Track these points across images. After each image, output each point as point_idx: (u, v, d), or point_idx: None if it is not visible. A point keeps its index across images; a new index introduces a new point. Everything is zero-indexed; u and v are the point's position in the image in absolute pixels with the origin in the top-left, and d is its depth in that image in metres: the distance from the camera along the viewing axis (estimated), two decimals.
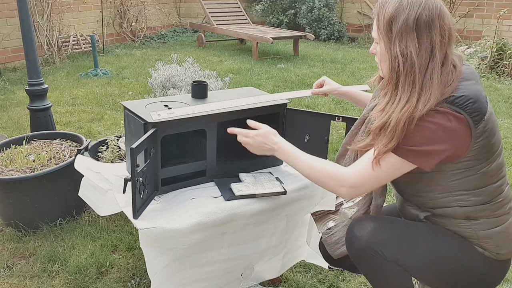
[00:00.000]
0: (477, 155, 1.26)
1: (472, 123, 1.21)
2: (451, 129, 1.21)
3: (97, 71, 5.69)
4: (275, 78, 5.62)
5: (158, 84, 3.50)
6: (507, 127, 4.01)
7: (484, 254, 1.35)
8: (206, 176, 1.70)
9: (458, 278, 1.37)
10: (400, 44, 1.23)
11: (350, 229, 1.42)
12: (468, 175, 1.29)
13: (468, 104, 1.21)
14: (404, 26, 1.23)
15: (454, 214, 1.35)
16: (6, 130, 3.76)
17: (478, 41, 6.84)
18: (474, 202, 1.32)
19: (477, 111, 1.21)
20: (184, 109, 1.63)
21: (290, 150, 1.46)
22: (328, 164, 1.41)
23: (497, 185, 1.33)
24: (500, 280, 1.42)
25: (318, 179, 1.40)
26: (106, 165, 1.96)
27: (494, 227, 1.33)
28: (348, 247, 1.43)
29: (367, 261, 1.37)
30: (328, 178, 1.37)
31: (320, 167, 1.39)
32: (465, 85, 1.24)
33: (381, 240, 1.35)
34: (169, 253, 1.47)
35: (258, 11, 8.80)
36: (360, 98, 1.82)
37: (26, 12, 2.79)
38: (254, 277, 1.80)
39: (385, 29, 1.26)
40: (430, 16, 1.23)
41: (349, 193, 1.34)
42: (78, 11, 7.00)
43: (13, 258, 2.17)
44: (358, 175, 1.32)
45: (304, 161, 1.42)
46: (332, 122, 1.74)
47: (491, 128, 1.25)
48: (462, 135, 1.22)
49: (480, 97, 1.24)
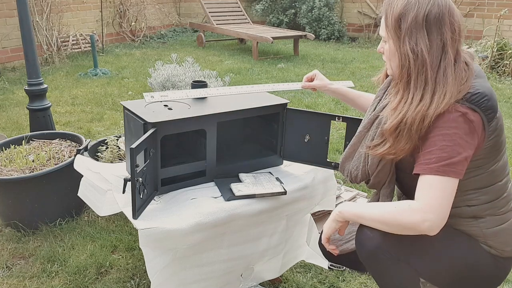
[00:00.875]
0: (488, 153, 1.26)
1: (486, 120, 1.21)
2: (473, 129, 1.20)
3: (97, 71, 5.68)
4: (275, 78, 5.62)
5: (158, 84, 3.50)
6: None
7: (490, 252, 1.35)
8: (206, 176, 1.70)
9: (465, 276, 1.37)
10: (410, 41, 1.22)
11: (361, 229, 1.39)
12: (478, 174, 1.29)
13: (484, 102, 1.21)
14: (414, 23, 1.22)
15: (461, 213, 1.34)
16: (5, 130, 3.76)
17: (478, 40, 6.84)
18: (481, 201, 1.32)
19: (491, 109, 1.22)
20: (179, 93, 1.62)
21: (354, 209, 1.36)
22: (396, 203, 1.31)
23: (503, 183, 1.33)
24: (504, 277, 1.42)
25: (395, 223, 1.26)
26: (105, 165, 1.95)
27: (499, 224, 1.33)
28: (360, 248, 1.40)
29: (379, 261, 1.35)
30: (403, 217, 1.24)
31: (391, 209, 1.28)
32: (479, 83, 1.24)
33: (393, 240, 1.33)
34: (169, 253, 1.46)
35: (258, 10, 8.79)
36: (351, 96, 1.79)
37: (25, 11, 2.78)
38: (254, 277, 1.79)
39: (394, 26, 1.25)
40: (440, 13, 1.22)
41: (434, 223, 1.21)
42: (77, 11, 6.99)
43: (13, 259, 2.16)
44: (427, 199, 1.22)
45: (373, 212, 1.32)
46: (332, 122, 1.73)
47: (501, 126, 1.26)
48: (480, 133, 1.22)
49: (493, 95, 1.24)
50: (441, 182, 1.21)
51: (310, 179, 1.75)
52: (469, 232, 1.35)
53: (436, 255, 1.35)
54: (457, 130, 1.19)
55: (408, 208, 1.23)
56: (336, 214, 1.38)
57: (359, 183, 1.54)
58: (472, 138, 1.20)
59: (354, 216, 1.35)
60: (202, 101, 1.75)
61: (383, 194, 1.49)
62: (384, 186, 1.47)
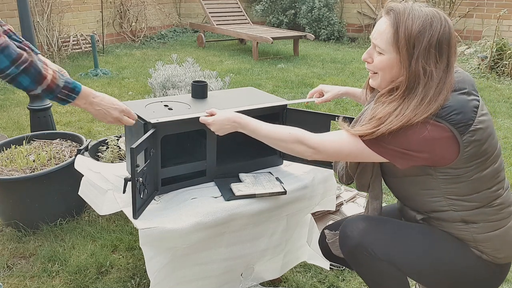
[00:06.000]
0: (466, 163, 1.26)
1: (458, 133, 1.22)
2: (431, 138, 1.22)
3: (97, 71, 5.69)
4: (275, 78, 5.62)
5: (158, 84, 3.50)
6: (507, 127, 4.01)
7: (482, 257, 1.35)
8: (206, 176, 1.70)
9: (454, 280, 1.37)
10: (422, 61, 1.25)
11: (343, 229, 1.43)
12: (459, 182, 1.29)
13: (451, 116, 1.22)
14: (428, 45, 1.24)
15: (449, 217, 1.35)
16: (6, 130, 3.76)
17: (478, 41, 6.85)
18: (467, 207, 1.32)
19: (461, 122, 1.22)
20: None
21: (251, 122, 1.47)
22: (293, 128, 1.42)
23: (493, 190, 1.32)
24: (499, 284, 1.42)
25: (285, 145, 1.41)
26: (106, 165, 1.96)
27: (492, 230, 1.33)
28: (341, 247, 1.44)
29: (359, 260, 1.39)
30: (293, 140, 1.38)
31: (286, 131, 1.41)
32: (452, 96, 1.26)
33: (372, 239, 1.36)
34: (169, 252, 1.47)
35: (258, 11, 8.80)
36: (358, 94, 1.83)
37: (26, 12, 2.79)
38: (255, 277, 1.80)
39: (407, 44, 1.26)
40: (449, 34, 1.26)
41: (309, 152, 1.37)
42: (78, 11, 7.00)
43: (13, 258, 2.17)
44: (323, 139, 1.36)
45: (268, 128, 1.44)
46: (332, 122, 1.74)
47: (481, 137, 1.25)
48: (444, 144, 1.23)
49: (465, 108, 1.24)
50: (352, 142, 1.30)
51: (310, 179, 1.76)
52: (458, 236, 1.36)
53: (418, 256, 1.36)
54: (413, 134, 1.23)
55: (302, 138, 1.37)
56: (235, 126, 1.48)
57: (346, 184, 1.58)
58: (428, 145, 1.23)
59: (249, 129, 1.47)
60: (202, 101, 1.76)
61: (370, 196, 1.51)
62: (370, 189, 1.50)
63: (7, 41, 1.25)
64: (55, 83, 1.32)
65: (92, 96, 1.41)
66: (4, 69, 1.25)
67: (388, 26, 1.29)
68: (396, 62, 1.29)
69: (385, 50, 1.30)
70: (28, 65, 1.27)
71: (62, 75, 1.37)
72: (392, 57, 1.29)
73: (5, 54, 1.23)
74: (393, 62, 1.30)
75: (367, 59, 1.37)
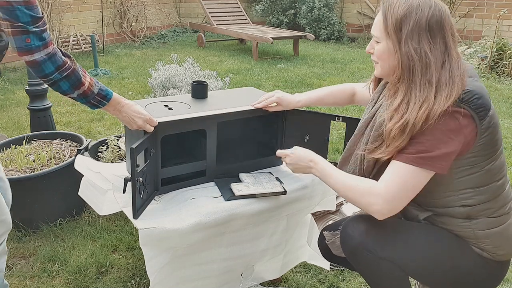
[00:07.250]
0: (481, 150, 1.27)
1: (478, 118, 1.24)
2: (459, 127, 1.23)
3: (97, 71, 5.69)
4: (275, 78, 5.62)
5: (158, 84, 3.50)
6: (507, 127, 4.01)
7: (482, 255, 1.35)
8: (206, 176, 1.70)
9: (455, 278, 1.38)
10: (412, 42, 1.26)
11: (344, 228, 1.43)
12: (473, 172, 1.30)
13: (473, 100, 1.23)
14: (416, 26, 1.25)
15: (455, 214, 1.35)
16: (6, 130, 3.76)
17: (478, 41, 6.85)
18: (477, 201, 1.32)
19: (482, 107, 1.24)
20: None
21: (326, 168, 1.44)
22: (362, 180, 1.37)
23: (500, 184, 1.34)
24: (500, 281, 1.42)
25: (353, 197, 1.35)
26: (106, 165, 1.96)
27: (493, 227, 1.34)
28: (343, 246, 1.45)
29: (361, 259, 1.39)
30: (360, 194, 1.32)
31: (354, 184, 1.35)
32: (470, 81, 1.27)
33: (374, 238, 1.37)
34: (169, 252, 1.47)
35: (258, 11, 8.80)
36: (329, 99, 1.78)
37: None
38: (255, 277, 1.80)
39: (394, 28, 1.28)
40: (441, 17, 1.27)
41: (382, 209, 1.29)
42: (78, 11, 6.99)
43: (13, 258, 2.17)
44: (390, 188, 1.28)
45: (338, 178, 1.39)
46: (332, 122, 1.74)
47: (495, 124, 1.28)
48: (469, 131, 1.24)
49: (484, 93, 1.26)
50: (409, 172, 1.26)
51: (310, 179, 1.76)
52: (459, 234, 1.36)
53: (419, 254, 1.36)
54: (441, 126, 1.22)
55: (368, 189, 1.31)
56: (310, 166, 1.47)
57: None
58: (457, 135, 1.23)
59: (321, 173, 1.44)
60: (203, 101, 1.76)
61: None
62: None
63: (55, 49, 1.36)
64: (90, 90, 1.44)
65: (121, 104, 1.53)
66: (49, 74, 1.36)
67: (379, 14, 1.35)
68: (390, 48, 1.31)
69: (379, 38, 1.34)
70: (70, 72, 1.38)
71: (98, 82, 1.49)
72: (385, 44, 1.32)
73: (52, 61, 1.35)
74: (387, 48, 1.32)
75: (370, 50, 1.40)
